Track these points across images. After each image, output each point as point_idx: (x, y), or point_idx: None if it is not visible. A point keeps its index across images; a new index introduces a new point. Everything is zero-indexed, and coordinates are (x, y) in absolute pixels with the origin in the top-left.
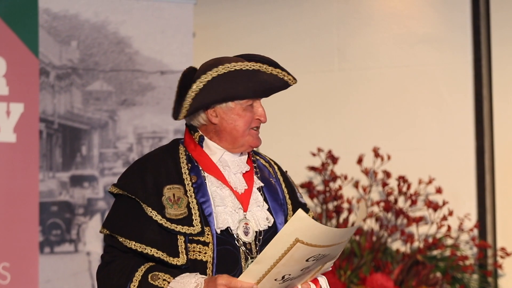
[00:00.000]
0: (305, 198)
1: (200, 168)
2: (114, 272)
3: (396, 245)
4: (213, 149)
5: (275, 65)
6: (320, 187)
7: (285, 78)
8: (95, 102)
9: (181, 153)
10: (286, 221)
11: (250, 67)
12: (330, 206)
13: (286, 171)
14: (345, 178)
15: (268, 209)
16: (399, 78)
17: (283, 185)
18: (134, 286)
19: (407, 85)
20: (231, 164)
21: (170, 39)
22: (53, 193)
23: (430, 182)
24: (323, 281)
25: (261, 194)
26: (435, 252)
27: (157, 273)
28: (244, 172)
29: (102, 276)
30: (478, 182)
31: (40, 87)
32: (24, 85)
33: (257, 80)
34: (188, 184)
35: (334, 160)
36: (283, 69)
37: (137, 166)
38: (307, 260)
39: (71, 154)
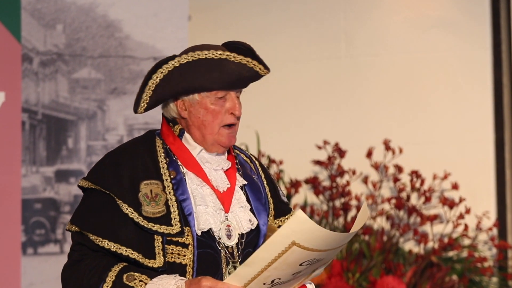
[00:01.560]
0: (310, 195)
1: (179, 163)
2: (83, 272)
3: (409, 245)
4: (192, 144)
5: (246, 53)
6: (326, 183)
7: (255, 67)
8: (83, 91)
9: (158, 146)
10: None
11: (215, 56)
12: (337, 203)
13: (268, 167)
14: (353, 173)
15: (251, 210)
16: (412, 65)
17: (265, 182)
18: (107, 286)
19: (420, 73)
20: (211, 160)
21: (164, 23)
22: (37, 189)
23: (445, 177)
24: (310, 286)
25: (244, 193)
26: (451, 253)
27: (132, 273)
28: (225, 169)
29: (68, 276)
30: (497, 177)
31: (22, 74)
32: (5, 73)
33: (223, 70)
34: (166, 180)
35: (342, 153)
36: (255, 58)
37: (111, 159)
38: (300, 265)
39: (56, 147)
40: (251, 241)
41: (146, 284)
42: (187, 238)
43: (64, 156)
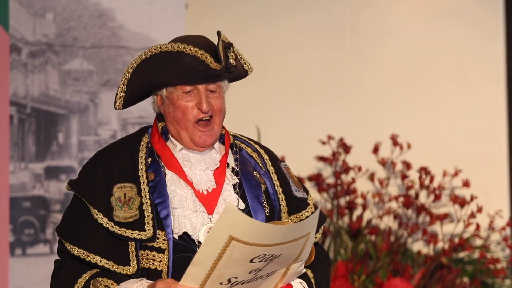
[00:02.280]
0: (313, 193)
1: (162, 164)
2: (61, 280)
3: (417, 246)
4: (174, 142)
5: (205, 46)
6: (330, 180)
7: (206, 60)
8: (74, 83)
9: (143, 145)
10: (279, 218)
11: (174, 49)
12: (342, 201)
13: (282, 161)
14: (359, 169)
15: (246, 209)
16: (420, 56)
17: (274, 178)
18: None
19: (429, 64)
20: (194, 159)
21: (159, 11)
22: (26, 187)
23: (456, 174)
24: (297, 286)
25: (237, 192)
26: (462, 254)
27: (99, 278)
28: (212, 168)
29: (52, 284)
30: (511, 174)
31: (10, 66)
32: None
33: (179, 63)
34: (143, 183)
35: (347, 149)
36: (215, 51)
37: (92, 159)
38: (251, 261)
39: (46, 143)
40: None
41: None
42: (163, 243)
43: (54, 152)
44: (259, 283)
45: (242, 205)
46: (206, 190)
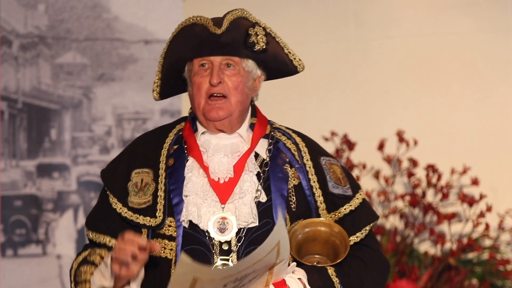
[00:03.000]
0: None
1: (186, 150)
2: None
3: (424, 246)
4: (199, 128)
5: (220, 18)
6: None
7: (208, 26)
8: (67, 77)
9: (173, 132)
10: (318, 215)
11: (189, 22)
12: None
13: (326, 155)
14: (364, 167)
15: (267, 203)
16: (427, 49)
17: (311, 172)
18: (76, 262)
19: (437, 57)
20: (214, 146)
21: (156, 2)
22: (17, 185)
23: (464, 172)
24: (292, 282)
25: (261, 184)
26: (471, 255)
27: (96, 249)
28: (235, 156)
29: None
30: None
31: (1, 59)
32: None
33: (191, 34)
34: (161, 168)
35: (351, 145)
36: (219, 19)
37: (127, 146)
38: (225, 286)
39: (38, 139)
40: (257, 239)
41: (102, 258)
42: (174, 231)
43: (46, 148)
44: (249, 285)
45: (264, 198)
46: (223, 178)
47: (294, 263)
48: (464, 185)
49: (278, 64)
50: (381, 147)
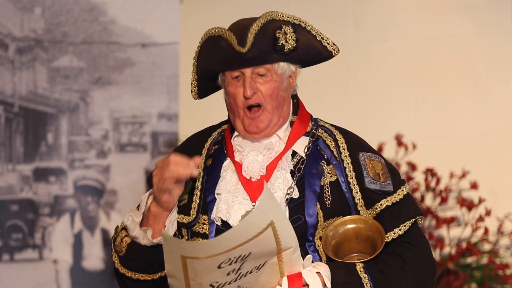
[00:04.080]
0: None
1: (225, 151)
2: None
3: None
4: (236, 129)
5: (243, 27)
6: None
7: (233, 43)
8: (63, 81)
9: (217, 132)
10: (357, 211)
11: (215, 33)
12: None
13: (367, 151)
14: None
15: (300, 199)
16: (426, 51)
17: (349, 168)
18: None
19: (436, 60)
20: (248, 145)
21: (153, 5)
22: (13, 189)
23: (463, 175)
24: (309, 275)
25: (295, 180)
26: (470, 260)
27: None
28: (269, 155)
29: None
30: None
31: None
32: None
33: (217, 48)
34: (200, 167)
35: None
36: (243, 32)
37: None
38: (219, 268)
39: (35, 143)
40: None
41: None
42: (204, 227)
43: (43, 152)
44: (255, 277)
45: (296, 194)
46: (255, 177)
47: (310, 256)
48: (463, 189)
49: (311, 55)
50: (379, 150)
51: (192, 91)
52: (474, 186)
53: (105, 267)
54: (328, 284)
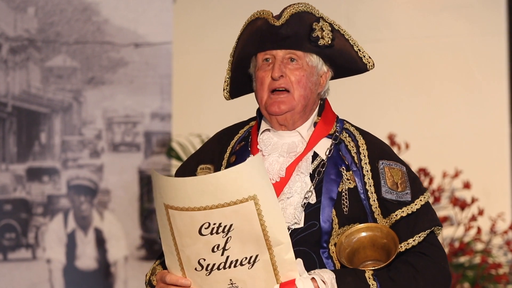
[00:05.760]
0: None
1: (250, 148)
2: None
3: None
4: (262, 125)
5: (283, 10)
6: None
7: (268, 18)
8: (57, 81)
9: (245, 129)
10: (374, 219)
11: (253, 16)
12: None
13: (387, 159)
14: None
15: (316, 205)
16: (419, 51)
17: (368, 176)
18: (147, 277)
19: (429, 60)
20: (271, 145)
21: (146, 5)
22: (7, 189)
23: (456, 175)
24: (302, 282)
25: (314, 185)
26: (463, 259)
27: (156, 262)
28: (291, 156)
29: None
30: None
31: None
32: None
33: (254, 28)
34: (223, 165)
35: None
36: (280, 12)
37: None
38: (200, 233)
39: (28, 143)
40: (305, 239)
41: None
42: None
43: (36, 152)
44: (248, 275)
45: (314, 199)
46: (275, 179)
47: (300, 260)
48: (456, 188)
49: (345, 61)
50: None
51: (224, 89)
52: (466, 185)
53: (98, 267)
54: None
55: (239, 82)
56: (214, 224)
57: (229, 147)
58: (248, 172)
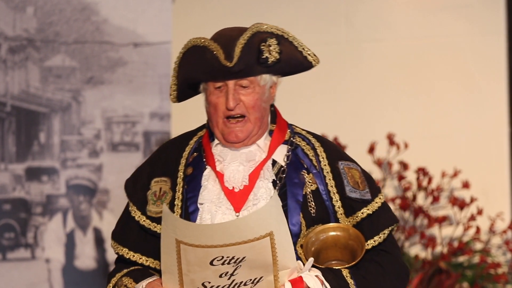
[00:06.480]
0: None
1: (204, 159)
2: (107, 281)
3: (415, 250)
4: (215, 138)
5: (229, 39)
6: None
7: (220, 57)
8: (56, 80)
9: (194, 140)
10: (337, 220)
11: (201, 43)
12: None
13: (345, 159)
14: None
15: (283, 208)
16: (419, 51)
17: (328, 177)
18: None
19: (428, 60)
20: (229, 155)
21: (145, 5)
22: (6, 189)
23: (455, 175)
24: (310, 279)
25: (277, 190)
26: (462, 259)
27: (123, 278)
28: (251, 165)
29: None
30: None
31: None
32: None
33: (203, 58)
34: (179, 177)
35: (341, 148)
36: (230, 46)
37: (152, 152)
38: (212, 264)
39: (27, 142)
40: None
41: None
42: None
43: (35, 152)
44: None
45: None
46: (238, 187)
47: (312, 258)
48: (455, 188)
49: (292, 66)
50: (371, 150)
51: (171, 94)
52: (465, 185)
53: (97, 266)
54: (328, 286)
55: (186, 90)
56: (228, 257)
57: (182, 159)
58: (267, 211)
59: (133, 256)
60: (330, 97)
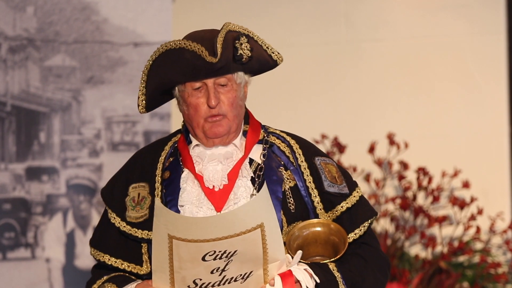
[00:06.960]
0: None
1: (181, 162)
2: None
3: (415, 249)
4: (193, 140)
5: (207, 39)
6: None
7: (202, 54)
8: (56, 80)
9: (169, 145)
10: (316, 215)
11: (176, 46)
12: None
13: (321, 155)
14: (354, 170)
15: None
16: (419, 51)
17: (306, 173)
18: None
19: (428, 60)
20: (207, 155)
21: (145, 5)
22: (6, 188)
23: (455, 174)
24: (298, 271)
25: (256, 188)
26: (462, 258)
27: (105, 284)
28: (229, 164)
29: None
30: None
31: None
32: None
33: (181, 60)
34: (157, 182)
35: (341, 148)
36: (209, 44)
37: (127, 160)
38: (204, 260)
39: (27, 142)
40: None
41: None
42: None
43: (35, 151)
44: (237, 286)
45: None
46: (218, 186)
47: (300, 251)
48: (455, 188)
49: (261, 64)
50: (371, 149)
51: (139, 105)
52: (466, 185)
53: None
54: (316, 278)
55: (155, 98)
56: (219, 251)
57: (159, 164)
58: (258, 203)
59: (115, 262)
60: (330, 97)
